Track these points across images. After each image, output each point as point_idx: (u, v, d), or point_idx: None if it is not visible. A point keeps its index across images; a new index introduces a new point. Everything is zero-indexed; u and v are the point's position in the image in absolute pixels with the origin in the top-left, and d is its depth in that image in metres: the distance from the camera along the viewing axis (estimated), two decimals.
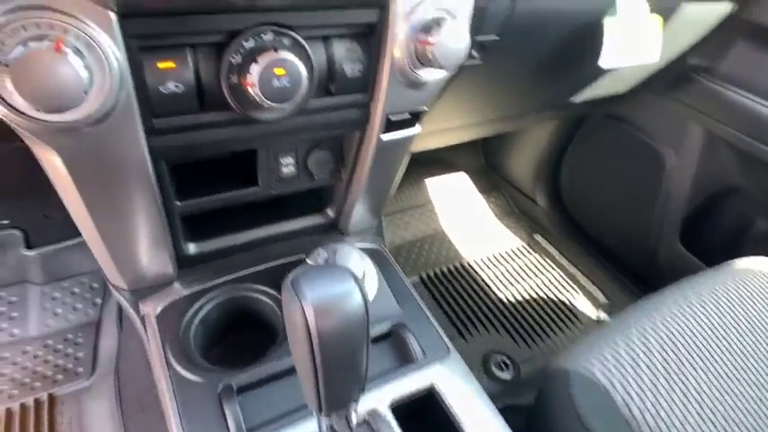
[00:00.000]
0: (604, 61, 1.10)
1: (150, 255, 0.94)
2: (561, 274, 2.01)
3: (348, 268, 0.54)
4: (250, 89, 0.71)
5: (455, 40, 0.78)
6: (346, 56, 0.82)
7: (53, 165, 0.70)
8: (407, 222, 2.12)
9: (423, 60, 0.81)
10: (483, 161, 2.49)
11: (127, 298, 1.02)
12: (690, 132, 1.63)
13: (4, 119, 0.60)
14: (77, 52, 0.58)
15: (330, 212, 1.17)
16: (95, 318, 1.56)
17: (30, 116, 0.59)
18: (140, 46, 0.67)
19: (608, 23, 1.07)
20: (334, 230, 1.20)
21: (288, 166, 0.98)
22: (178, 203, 0.91)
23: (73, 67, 0.56)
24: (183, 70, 0.71)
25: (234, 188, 0.97)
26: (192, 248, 1.04)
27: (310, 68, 0.77)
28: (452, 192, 2.31)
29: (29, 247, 1.60)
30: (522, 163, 2.26)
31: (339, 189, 1.10)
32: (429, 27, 0.78)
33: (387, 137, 0.95)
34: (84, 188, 0.74)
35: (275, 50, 0.71)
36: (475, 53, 1.03)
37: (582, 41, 1.17)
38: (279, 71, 0.71)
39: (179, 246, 1.00)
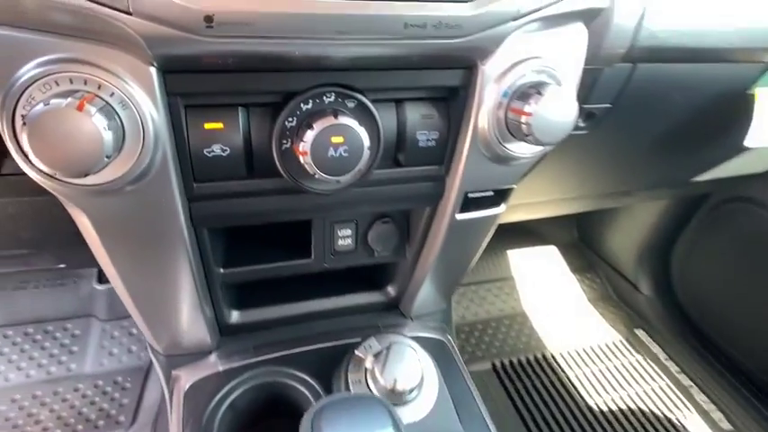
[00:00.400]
0: (753, 140, 0.88)
1: (186, 322, 0.85)
2: (669, 383, 1.66)
3: (384, 404, 0.39)
4: (302, 158, 0.60)
5: (559, 111, 0.63)
6: (420, 122, 0.70)
7: (81, 222, 0.63)
8: (483, 297, 1.91)
9: (514, 132, 0.66)
10: (576, 235, 2.23)
11: (161, 362, 0.94)
12: None
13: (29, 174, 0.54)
14: (107, 112, 0.50)
15: (391, 291, 1.02)
16: (146, 363, 1.52)
17: (49, 176, 0.53)
18: (186, 104, 0.59)
19: (762, 94, 0.85)
20: (394, 311, 1.05)
21: (345, 238, 0.86)
22: (220, 271, 0.82)
23: (95, 128, 0.48)
24: (231, 132, 0.62)
25: (282, 258, 0.86)
26: (234, 317, 0.94)
27: (376, 136, 0.65)
28: (539, 267, 2.07)
29: (100, 281, 1.63)
30: (624, 242, 1.98)
31: (403, 267, 0.96)
32: (526, 94, 0.63)
33: (463, 216, 0.80)
34: (113, 251, 0.67)
35: (335, 115, 0.60)
36: (581, 122, 0.87)
37: (718, 114, 0.96)
38: (336, 139, 0.60)
39: (220, 314, 0.91)
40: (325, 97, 0.62)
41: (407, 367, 0.79)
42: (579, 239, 2.23)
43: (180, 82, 0.56)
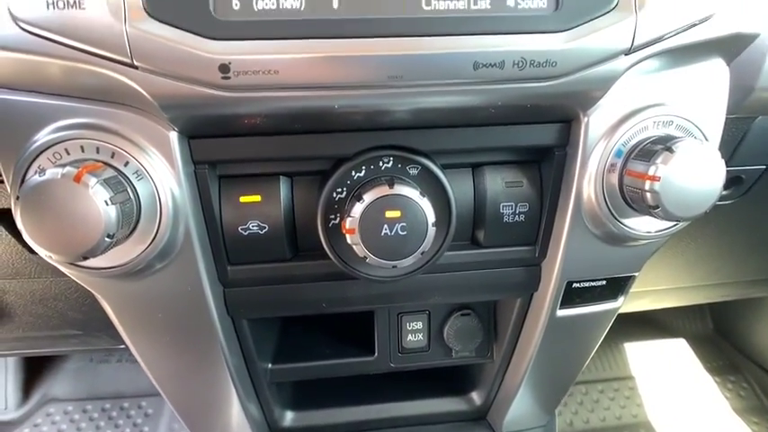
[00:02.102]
0: None
1: (228, 423, 0.73)
2: None
3: None
4: (349, 237, 0.48)
5: (699, 174, 0.46)
6: (504, 192, 0.56)
7: (103, 304, 0.55)
8: (596, 401, 1.59)
9: (635, 203, 0.50)
10: (711, 325, 1.85)
11: None
12: None
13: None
14: (114, 183, 0.43)
15: (476, 398, 0.84)
16: None
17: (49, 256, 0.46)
18: (220, 174, 0.51)
19: None
20: (481, 423, 0.86)
21: (415, 333, 0.71)
22: (268, 367, 0.70)
23: (93, 203, 0.41)
24: (271, 206, 0.53)
25: (341, 353, 0.73)
26: (288, 419, 0.81)
27: (447, 210, 0.53)
28: (666, 366, 1.72)
29: None
30: None
31: (490, 370, 0.78)
32: (650, 151, 0.47)
33: (566, 312, 0.63)
34: (137, 341, 0.58)
35: (390, 183, 0.48)
36: (724, 191, 0.68)
37: None
38: (392, 214, 0.48)
39: (270, 415, 0.78)
40: (381, 162, 0.52)
41: None
42: (715, 331, 1.85)
43: (207, 149, 0.48)
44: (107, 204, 0.41)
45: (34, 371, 1.56)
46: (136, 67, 0.40)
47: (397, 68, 0.42)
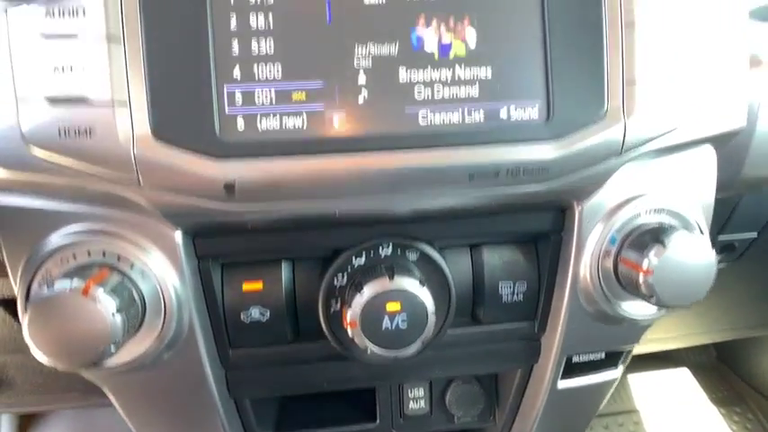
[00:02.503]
0: None
1: None
2: None
3: None
4: (350, 329, 0.49)
5: (690, 267, 0.47)
6: (502, 271, 0.57)
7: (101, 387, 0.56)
8: None
9: (629, 289, 0.51)
10: (714, 354, 1.84)
11: None
12: None
13: None
14: (120, 290, 0.44)
15: None
16: None
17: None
18: (223, 262, 0.52)
19: None
20: None
21: (417, 400, 0.71)
22: None
23: (101, 316, 0.41)
24: (272, 292, 0.54)
25: (343, 420, 0.73)
26: None
27: (446, 296, 0.54)
28: (670, 397, 1.70)
29: None
30: None
31: None
32: (643, 243, 0.48)
33: (566, 384, 0.63)
34: (137, 422, 0.59)
35: (390, 275, 0.49)
36: (718, 255, 0.68)
37: None
38: (392, 306, 0.48)
39: None
40: (381, 249, 0.52)
41: None
42: (718, 359, 1.83)
43: (210, 245, 0.49)
44: (114, 315, 0.42)
45: (29, 418, 1.54)
46: (140, 185, 0.41)
47: (395, 180, 0.43)
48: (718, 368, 1.81)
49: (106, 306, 0.41)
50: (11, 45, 0.39)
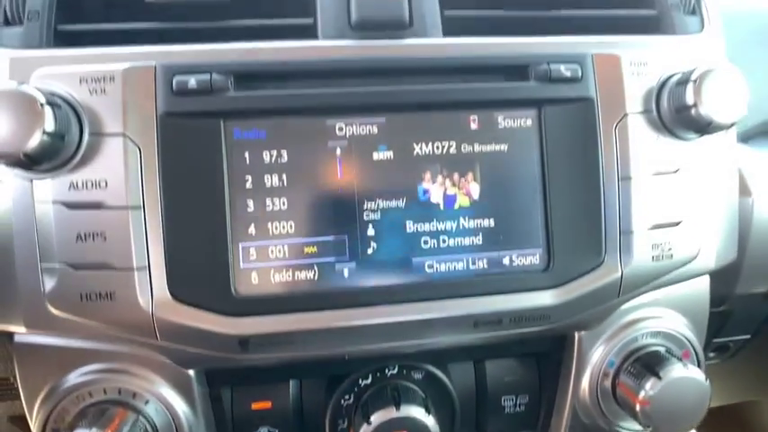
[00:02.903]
0: None
1: None
2: None
3: None
4: None
5: (685, 399, 0.49)
6: (505, 385, 0.59)
7: None
8: None
9: (626, 410, 0.52)
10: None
11: None
12: None
13: None
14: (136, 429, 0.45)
15: None
16: None
17: None
18: (233, 385, 0.54)
19: None
20: None
21: None
22: None
23: None
24: (281, 411, 0.55)
25: None
26: None
27: (450, 412, 0.55)
28: None
29: None
30: None
31: None
32: (639, 373, 0.50)
33: None
34: None
35: (396, 404, 0.50)
36: (709, 353, 0.70)
37: None
38: None
39: None
40: (387, 370, 0.54)
41: None
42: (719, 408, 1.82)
43: (222, 378, 0.50)
44: None
45: None
46: (157, 339, 0.43)
47: (403, 330, 0.45)
48: (719, 415, 1.79)
49: None
50: (36, 214, 0.40)
